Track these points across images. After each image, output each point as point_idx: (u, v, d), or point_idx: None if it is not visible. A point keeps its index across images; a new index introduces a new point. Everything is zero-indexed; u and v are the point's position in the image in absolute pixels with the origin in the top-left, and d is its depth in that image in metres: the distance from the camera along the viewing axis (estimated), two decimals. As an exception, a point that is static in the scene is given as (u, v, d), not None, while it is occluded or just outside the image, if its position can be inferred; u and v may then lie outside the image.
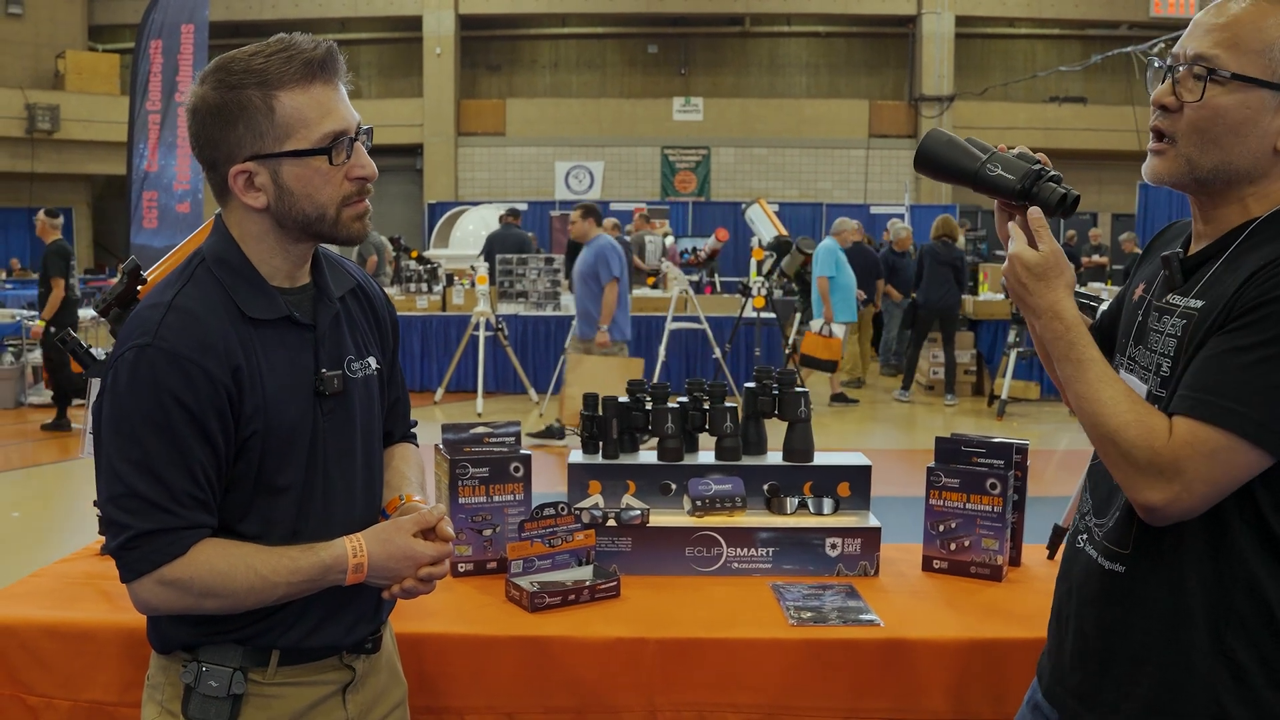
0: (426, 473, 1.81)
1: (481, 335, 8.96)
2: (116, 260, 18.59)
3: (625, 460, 2.32)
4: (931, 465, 2.27)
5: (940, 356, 10.13)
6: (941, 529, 2.25)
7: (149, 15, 8.15)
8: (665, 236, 13.12)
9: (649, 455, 2.34)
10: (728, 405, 2.34)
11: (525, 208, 13.60)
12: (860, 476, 2.32)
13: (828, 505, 2.29)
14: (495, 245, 10.89)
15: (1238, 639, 1.32)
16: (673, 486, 2.30)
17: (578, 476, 2.30)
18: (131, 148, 8.08)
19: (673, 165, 20.60)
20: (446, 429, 2.27)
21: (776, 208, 12.27)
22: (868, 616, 2.00)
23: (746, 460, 2.33)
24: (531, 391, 9.52)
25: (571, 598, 2.04)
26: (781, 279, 9.56)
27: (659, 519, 2.24)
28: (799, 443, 2.33)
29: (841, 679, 1.90)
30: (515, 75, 21.84)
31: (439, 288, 10.58)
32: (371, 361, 1.61)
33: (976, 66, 21.06)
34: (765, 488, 2.31)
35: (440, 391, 9.53)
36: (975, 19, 20.65)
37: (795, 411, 2.34)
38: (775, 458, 2.35)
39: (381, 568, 1.48)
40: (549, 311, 10.26)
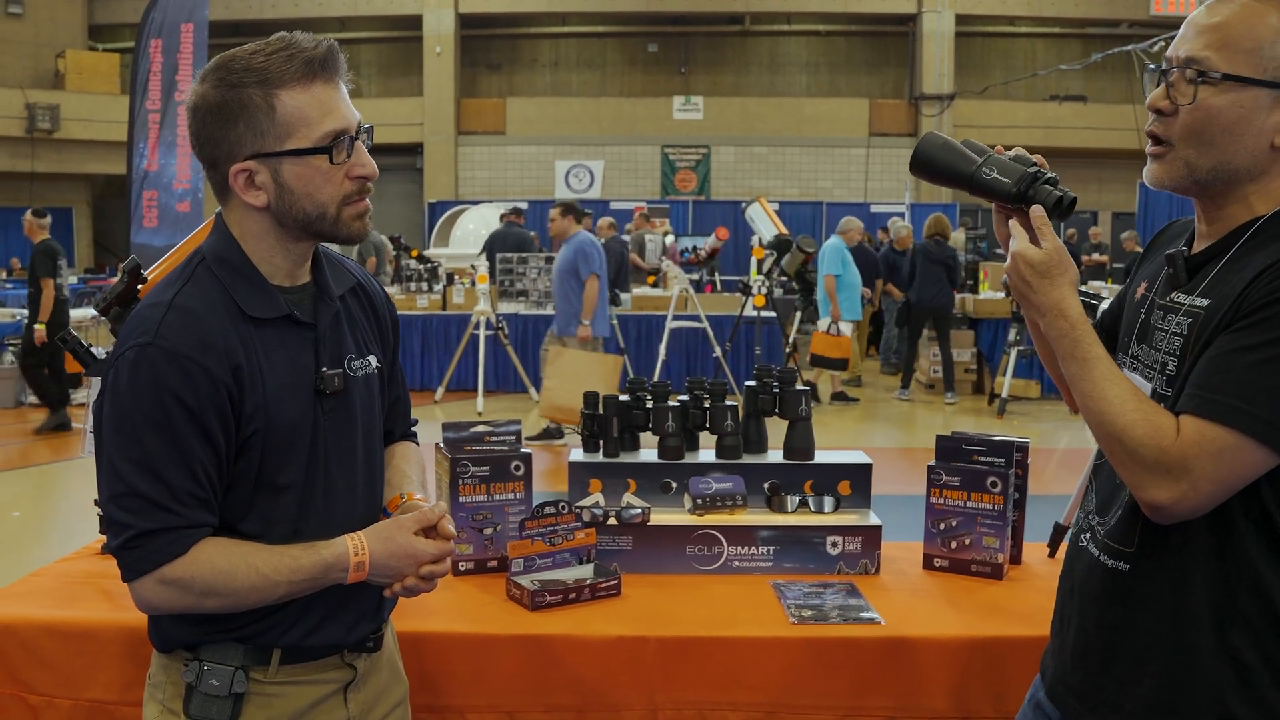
0: (427, 471, 1.81)
1: (482, 334, 8.97)
2: (117, 259, 18.61)
3: (626, 459, 2.32)
4: (932, 463, 2.26)
5: (940, 355, 10.15)
6: (942, 527, 2.25)
7: (149, 14, 8.14)
8: (665, 235, 13.11)
9: (649, 454, 2.34)
10: (728, 404, 2.34)
11: (526, 206, 13.59)
12: (861, 475, 2.32)
13: (828, 503, 2.29)
14: (496, 244, 10.88)
15: (1243, 638, 1.32)
16: (673, 485, 2.30)
17: (578, 475, 2.30)
18: (131, 147, 8.07)
19: (673, 164, 20.60)
20: (447, 428, 2.27)
21: (777, 206, 12.27)
22: (868, 615, 2.00)
23: (747, 459, 2.33)
24: (532, 390, 9.51)
25: (572, 596, 2.04)
26: (781, 277, 9.56)
27: (660, 517, 2.24)
28: (800, 441, 2.33)
29: (842, 677, 1.90)
30: (515, 74, 21.83)
31: (439, 287, 10.57)
32: (372, 360, 1.61)
33: (977, 65, 21.06)
34: (766, 486, 2.31)
35: (441, 390, 9.53)
36: (975, 17, 20.65)
37: (796, 410, 2.34)
38: (776, 456, 2.35)
39: (383, 566, 1.48)
40: (549, 310, 10.20)
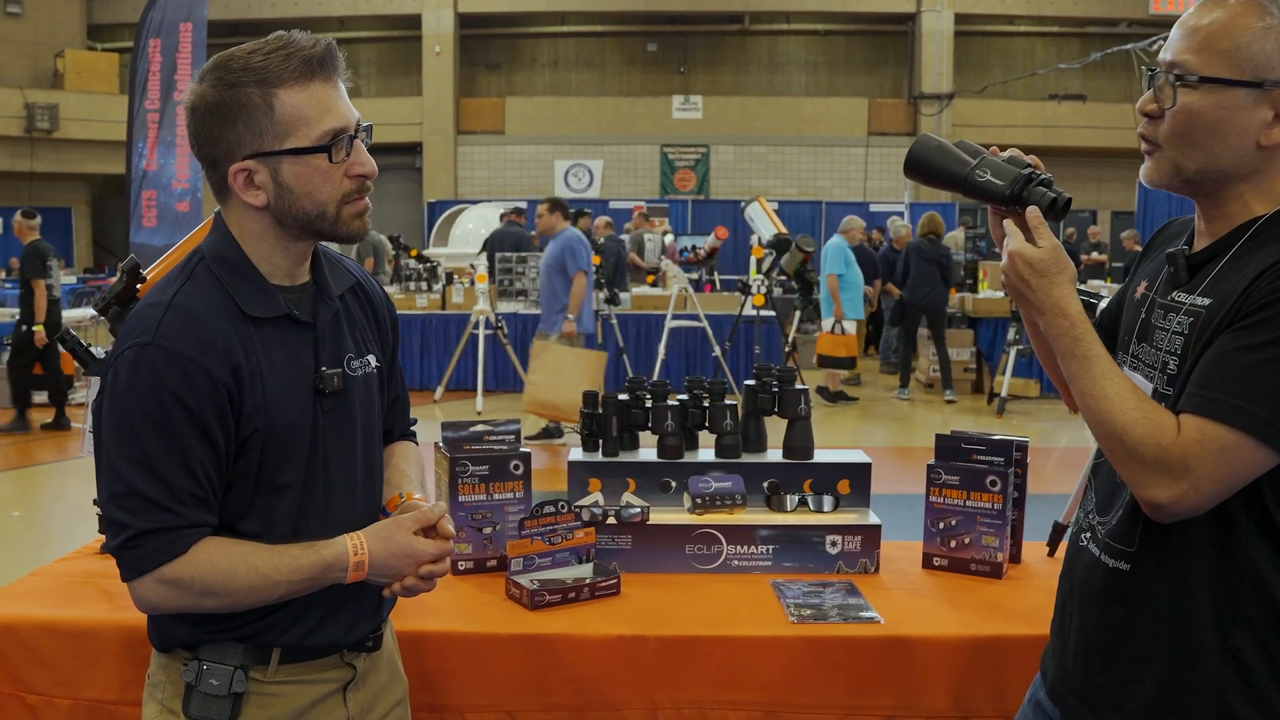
0: (426, 471, 1.81)
1: (481, 333, 8.96)
2: (116, 259, 18.59)
3: (625, 458, 2.32)
4: (931, 462, 2.27)
5: (937, 354, 10.16)
6: (941, 526, 2.25)
7: (148, 14, 8.14)
8: (664, 235, 13.13)
9: (649, 453, 2.34)
10: (728, 403, 2.34)
11: (525, 206, 13.58)
12: (860, 474, 2.32)
13: (828, 503, 2.29)
14: (495, 243, 10.88)
15: (1244, 638, 1.32)
16: (673, 484, 2.30)
17: (577, 474, 2.30)
18: (130, 146, 8.07)
19: (672, 163, 20.59)
20: (446, 427, 2.27)
21: (776, 206, 12.25)
22: (868, 614, 2.00)
23: (746, 458, 2.33)
24: (531, 390, 9.51)
25: (572, 595, 2.04)
26: (781, 277, 9.56)
27: (659, 517, 2.23)
28: (799, 440, 2.33)
29: (842, 676, 1.90)
30: (514, 73, 21.82)
31: (438, 286, 10.57)
32: (371, 359, 1.60)
33: (976, 64, 21.06)
34: (765, 485, 2.31)
35: (440, 390, 9.53)
36: (974, 16, 20.65)
37: (795, 409, 2.34)
38: (775, 455, 2.35)
39: (382, 565, 1.48)
40: (548, 310, 10.24)
